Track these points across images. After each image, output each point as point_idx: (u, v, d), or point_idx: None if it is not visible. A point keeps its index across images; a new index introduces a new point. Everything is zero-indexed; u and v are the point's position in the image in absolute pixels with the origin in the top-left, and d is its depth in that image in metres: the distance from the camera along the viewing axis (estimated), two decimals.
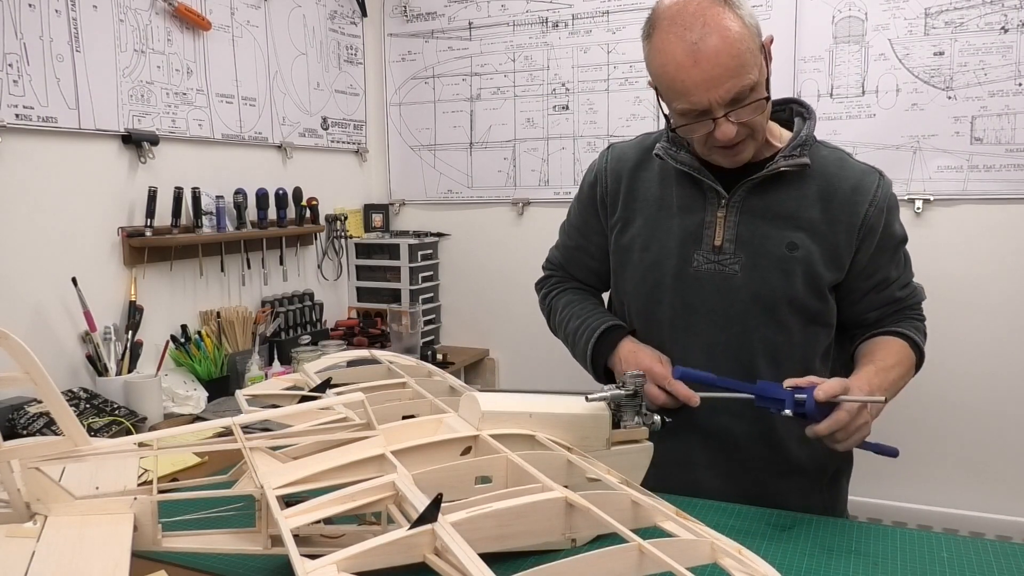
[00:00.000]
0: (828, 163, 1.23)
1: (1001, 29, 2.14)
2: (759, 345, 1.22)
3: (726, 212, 1.23)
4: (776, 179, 1.21)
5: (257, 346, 2.22)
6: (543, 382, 2.83)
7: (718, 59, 1.07)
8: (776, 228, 1.21)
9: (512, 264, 2.85)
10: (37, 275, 1.79)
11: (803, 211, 1.21)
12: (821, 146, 1.26)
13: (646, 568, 0.68)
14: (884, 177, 1.24)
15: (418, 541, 0.70)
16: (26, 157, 1.76)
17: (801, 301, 1.21)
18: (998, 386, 2.24)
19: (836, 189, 1.21)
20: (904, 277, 1.27)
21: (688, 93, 1.09)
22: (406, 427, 0.99)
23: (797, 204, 1.21)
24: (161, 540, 0.82)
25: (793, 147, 1.21)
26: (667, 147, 1.27)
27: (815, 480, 1.29)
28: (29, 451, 0.79)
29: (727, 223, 1.23)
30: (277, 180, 2.46)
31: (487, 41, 2.79)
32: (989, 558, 0.93)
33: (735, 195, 1.22)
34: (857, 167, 1.25)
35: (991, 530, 2.26)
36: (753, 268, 1.21)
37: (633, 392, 1.05)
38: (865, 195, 1.21)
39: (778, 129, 1.27)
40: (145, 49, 2.02)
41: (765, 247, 1.21)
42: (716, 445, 1.26)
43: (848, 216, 1.20)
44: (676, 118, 1.16)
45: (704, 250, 1.24)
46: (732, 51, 1.07)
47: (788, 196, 1.22)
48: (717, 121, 1.11)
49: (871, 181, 1.22)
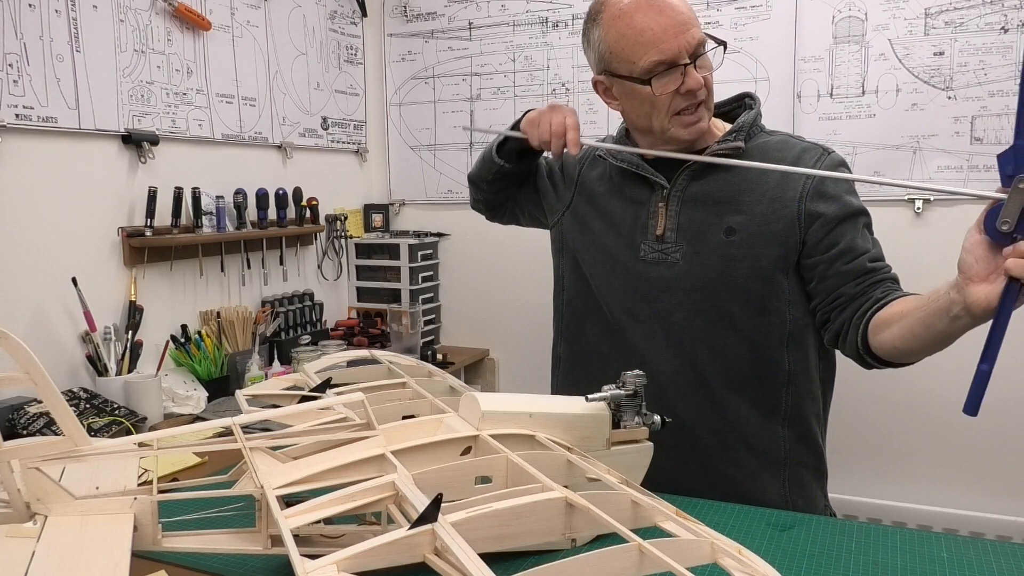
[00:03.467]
0: (769, 146, 1.25)
1: (1001, 29, 2.14)
2: (699, 334, 1.23)
3: (667, 202, 1.26)
4: (714, 166, 1.22)
5: (257, 346, 2.22)
6: (543, 382, 2.83)
7: (677, 8, 1.15)
8: (715, 215, 1.22)
9: (512, 264, 2.85)
10: (37, 275, 1.79)
11: (742, 195, 1.22)
12: (765, 134, 1.28)
13: (646, 568, 0.68)
14: (830, 153, 1.23)
15: (418, 541, 0.70)
16: (26, 157, 1.76)
17: (743, 286, 1.21)
18: (998, 386, 2.23)
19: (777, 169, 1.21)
20: (874, 252, 1.19)
21: (658, 41, 1.14)
22: (406, 427, 0.99)
23: (736, 188, 1.22)
24: (161, 540, 0.82)
25: (728, 133, 1.24)
26: (597, 154, 1.36)
27: (772, 468, 1.27)
28: (29, 451, 0.79)
29: (668, 212, 1.26)
30: (277, 180, 2.46)
31: (487, 41, 2.79)
32: (989, 558, 0.93)
33: (676, 184, 1.25)
34: (798, 146, 1.24)
35: (991, 530, 2.26)
36: (693, 256, 1.23)
37: (633, 392, 1.05)
38: (808, 170, 1.19)
39: (723, 124, 1.30)
40: (145, 49, 2.02)
41: (704, 234, 1.22)
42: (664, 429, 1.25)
43: (786, 191, 1.19)
44: (644, 77, 1.17)
45: (649, 239, 1.27)
46: (685, 2, 1.16)
47: (727, 182, 1.23)
48: (687, 69, 1.15)
49: (811, 156, 1.22)
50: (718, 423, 1.25)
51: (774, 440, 1.26)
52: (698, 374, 1.25)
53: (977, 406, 0.96)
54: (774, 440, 1.26)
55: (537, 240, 2.80)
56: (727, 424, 1.25)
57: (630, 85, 1.19)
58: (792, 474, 1.28)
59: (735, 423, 1.25)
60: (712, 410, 1.25)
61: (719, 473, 1.26)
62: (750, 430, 1.25)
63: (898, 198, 2.29)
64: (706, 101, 1.21)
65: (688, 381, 1.26)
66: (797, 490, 1.29)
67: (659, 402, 1.21)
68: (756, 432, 1.25)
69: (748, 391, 1.25)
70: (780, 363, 1.24)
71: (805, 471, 1.30)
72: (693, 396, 1.26)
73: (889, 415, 2.36)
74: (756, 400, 1.25)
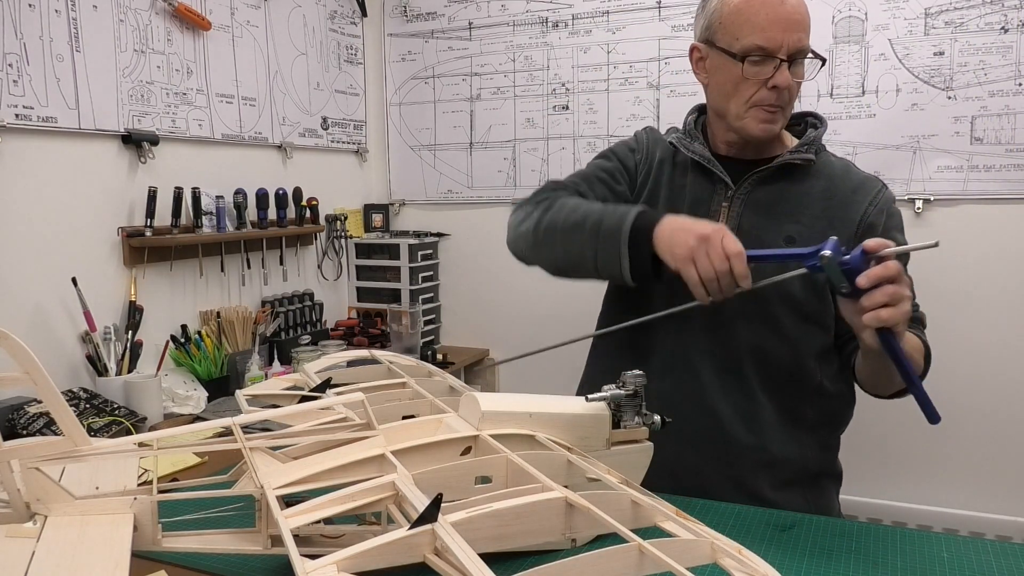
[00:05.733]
0: (834, 167, 1.29)
1: (1001, 29, 2.14)
2: (746, 335, 1.23)
3: (730, 204, 1.26)
4: (782, 175, 1.25)
5: (257, 346, 2.22)
6: (543, 382, 2.83)
7: (799, 8, 1.18)
8: (776, 222, 1.23)
9: (512, 264, 2.82)
10: (37, 275, 1.79)
11: (804, 207, 1.23)
12: (830, 154, 1.32)
13: (646, 568, 0.68)
14: (887, 188, 1.28)
15: (418, 541, 0.70)
16: (26, 157, 1.76)
17: (795, 296, 1.22)
18: (998, 386, 2.24)
19: (838, 189, 1.25)
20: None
21: (767, 28, 1.16)
22: (406, 427, 0.99)
23: (799, 200, 1.24)
24: (161, 540, 0.82)
25: (801, 144, 1.27)
26: (681, 138, 1.32)
27: (796, 476, 1.28)
28: (29, 451, 0.79)
29: (730, 215, 1.26)
30: (277, 180, 2.46)
31: (487, 41, 2.79)
32: (989, 558, 0.93)
33: (741, 187, 1.26)
34: (862, 174, 1.30)
35: (991, 530, 2.26)
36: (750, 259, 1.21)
37: (633, 392, 1.05)
38: (866, 195, 1.25)
39: (790, 137, 1.32)
40: (145, 49, 2.02)
41: (763, 240, 1.22)
42: (699, 424, 1.25)
43: (848, 212, 1.23)
44: (738, 56, 1.19)
45: None
46: (807, 10, 1.20)
47: (791, 192, 1.25)
48: (781, 66, 1.17)
49: (873, 185, 1.27)
50: (753, 424, 1.25)
51: (800, 447, 1.26)
52: (738, 375, 1.25)
53: (935, 413, 1.03)
54: (800, 447, 1.26)
55: None
56: (760, 426, 1.25)
57: (724, 59, 1.21)
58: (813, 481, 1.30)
59: (766, 426, 1.25)
60: (748, 411, 1.25)
61: (748, 472, 1.25)
62: (778, 435, 1.25)
63: (898, 198, 2.29)
64: (785, 108, 1.23)
65: (729, 382, 1.25)
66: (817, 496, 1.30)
67: (699, 401, 1.23)
68: (783, 438, 1.25)
69: (781, 396, 1.25)
70: (814, 373, 1.25)
71: (827, 481, 1.33)
72: (732, 395, 1.25)
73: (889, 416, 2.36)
74: (786, 407, 1.25)
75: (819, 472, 1.31)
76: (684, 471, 1.23)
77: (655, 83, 2.55)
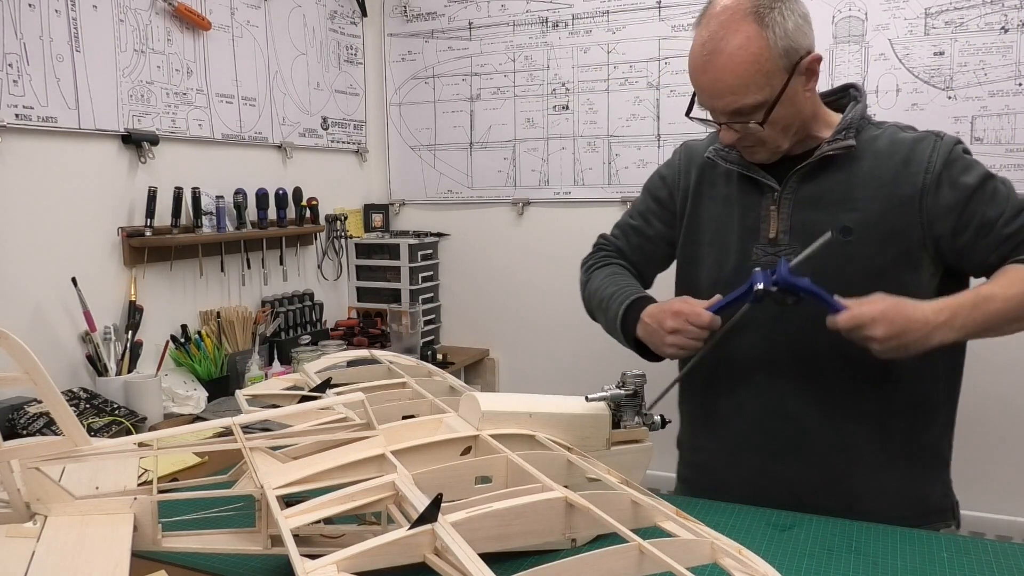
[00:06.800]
0: (879, 141, 1.23)
1: (1001, 29, 2.14)
2: (821, 336, 1.16)
3: (779, 204, 1.24)
4: (826, 165, 1.22)
5: (257, 346, 2.22)
6: (543, 382, 2.84)
7: (720, 75, 1.14)
8: (828, 214, 1.20)
9: (512, 264, 2.85)
10: (37, 275, 1.79)
11: (855, 192, 1.20)
12: (874, 127, 1.25)
13: (646, 568, 0.68)
14: (941, 138, 1.21)
15: (418, 541, 0.70)
16: (26, 157, 1.76)
17: (859, 284, 1.16)
18: (998, 386, 2.24)
19: (885, 167, 1.20)
20: (1008, 211, 1.17)
21: (701, 93, 1.20)
22: (406, 427, 0.99)
23: (848, 187, 1.21)
24: (161, 540, 0.82)
25: (838, 131, 1.22)
26: (718, 148, 1.32)
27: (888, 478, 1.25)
28: (29, 451, 0.79)
29: (780, 215, 1.24)
30: (277, 180, 2.46)
31: (487, 41, 2.79)
32: (989, 558, 0.93)
33: (787, 187, 1.24)
34: (907, 139, 1.22)
35: (991, 530, 2.26)
36: (808, 257, 1.18)
37: (633, 392, 1.05)
38: (919, 165, 1.19)
39: (833, 117, 1.27)
40: (145, 49, 2.02)
41: (815, 235, 1.18)
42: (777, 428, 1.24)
43: (904, 189, 1.18)
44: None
45: (761, 243, 1.26)
46: (737, 71, 1.13)
47: (838, 181, 1.21)
48: (722, 126, 1.20)
49: (924, 148, 1.20)
50: (836, 418, 1.23)
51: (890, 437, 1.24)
52: (812, 368, 1.22)
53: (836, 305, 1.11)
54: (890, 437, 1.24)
55: (537, 240, 2.81)
56: (844, 419, 1.23)
57: None
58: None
59: (850, 419, 1.23)
60: (828, 404, 1.23)
61: (828, 466, 1.24)
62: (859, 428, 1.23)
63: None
64: (756, 146, 1.22)
65: (801, 377, 1.23)
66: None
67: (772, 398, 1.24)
68: (867, 432, 1.23)
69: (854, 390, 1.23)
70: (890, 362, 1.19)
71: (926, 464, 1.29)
72: (806, 391, 1.23)
73: None
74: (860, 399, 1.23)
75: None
76: (767, 479, 1.23)
77: (655, 83, 2.55)
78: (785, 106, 1.16)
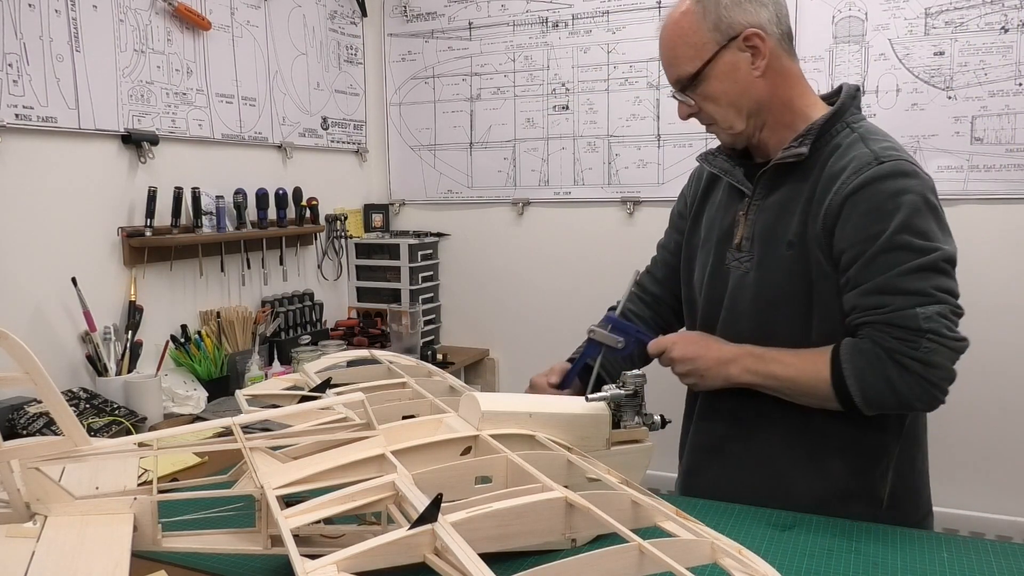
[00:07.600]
0: (838, 149, 1.16)
1: (1001, 29, 2.14)
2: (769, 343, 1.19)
3: (747, 212, 1.24)
4: (791, 171, 1.19)
5: (257, 346, 2.22)
6: None
7: (663, 47, 1.23)
8: (782, 223, 1.19)
9: (512, 264, 2.85)
10: (37, 275, 1.79)
11: (801, 203, 1.17)
12: (847, 132, 1.17)
13: (646, 568, 0.68)
14: (874, 166, 1.09)
15: (418, 541, 0.70)
16: (26, 157, 1.76)
17: (800, 298, 1.17)
18: (998, 386, 2.24)
19: (821, 179, 1.15)
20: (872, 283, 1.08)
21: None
22: (406, 427, 0.99)
23: (796, 196, 1.18)
24: (161, 540, 0.82)
25: (796, 137, 1.18)
26: (707, 152, 1.35)
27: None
28: (29, 451, 0.79)
29: (747, 221, 1.24)
30: (277, 180, 2.46)
31: (487, 41, 2.79)
32: (989, 558, 0.93)
33: (756, 192, 1.24)
34: (856, 153, 1.13)
35: (991, 530, 2.26)
36: (759, 265, 1.21)
37: (633, 392, 1.05)
38: (841, 182, 1.11)
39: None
40: (145, 49, 2.02)
41: (770, 244, 1.20)
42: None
43: (821, 204, 1.13)
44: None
45: (731, 248, 1.26)
46: (672, 42, 1.21)
47: (797, 190, 1.18)
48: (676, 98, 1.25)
49: (856, 167, 1.11)
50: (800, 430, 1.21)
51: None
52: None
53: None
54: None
55: (537, 240, 2.81)
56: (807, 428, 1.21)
57: None
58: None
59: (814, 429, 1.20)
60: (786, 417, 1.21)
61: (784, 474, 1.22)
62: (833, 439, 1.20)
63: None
64: (713, 125, 1.24)
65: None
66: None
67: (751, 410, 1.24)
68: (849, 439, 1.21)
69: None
70: None
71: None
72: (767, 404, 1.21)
73: None
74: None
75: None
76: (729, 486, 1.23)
77: (655, 83, 2.55)
78: (722, 81, 1.18)
